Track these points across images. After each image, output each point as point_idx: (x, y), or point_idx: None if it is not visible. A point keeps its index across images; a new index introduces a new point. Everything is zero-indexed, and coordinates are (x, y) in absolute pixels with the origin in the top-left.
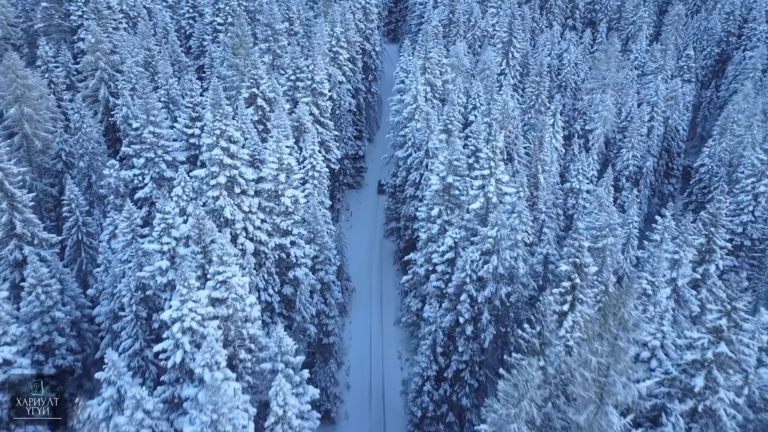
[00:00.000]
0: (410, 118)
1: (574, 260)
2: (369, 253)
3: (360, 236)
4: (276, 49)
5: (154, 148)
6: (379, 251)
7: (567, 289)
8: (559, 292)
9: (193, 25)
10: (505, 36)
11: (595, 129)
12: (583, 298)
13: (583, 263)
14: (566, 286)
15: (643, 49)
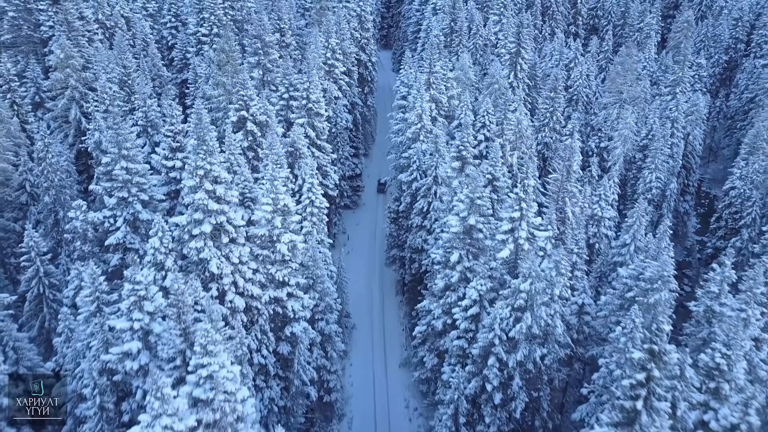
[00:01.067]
0: (415, 138)
1: (651, 347)
2: (368, 282)
3: (358, 262)
4: (266, 63)
5: (127, 186)
6: (380, 279)
7: (640, 381)
8: (629, 385)
9: (176, 36)
10: (513, 46)
11: (615, 148)
12: (662, 393)
13: (662, 350)
14: (640, 378)
15: (652, 58)
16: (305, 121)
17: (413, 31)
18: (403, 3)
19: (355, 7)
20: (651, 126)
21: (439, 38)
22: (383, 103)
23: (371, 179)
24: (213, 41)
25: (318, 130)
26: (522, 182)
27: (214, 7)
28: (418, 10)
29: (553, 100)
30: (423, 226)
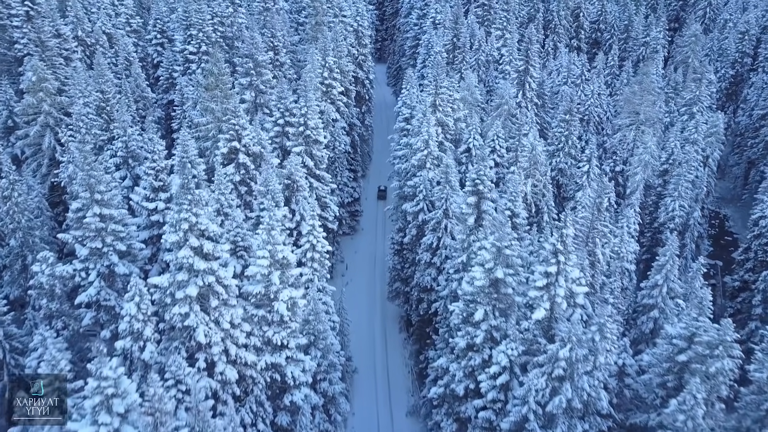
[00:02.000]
0: (421, 165)
1: None
2: (370, 317)
3: (358, 295)
4: (259, 84)
5: (101, 235)
6: (382, 314)
7: None
8: None
9: (162, 54)
10: (521, 64)
11: (635, 174)
12: None
13: None
14: None
15: (660, 74)
16: (303, 149)
17: (411, 46)
18: (398, 16)
19: (351, 22)
20: (672, 150)
21: (441, 55)
22: (378, 118)
23: (370, 202)
24: (201, 60)
25: (317, 158)
26: (560, 232)
27: (202, 24)
28: (416, 24)
29: (568, 123)
30: (432, 263)
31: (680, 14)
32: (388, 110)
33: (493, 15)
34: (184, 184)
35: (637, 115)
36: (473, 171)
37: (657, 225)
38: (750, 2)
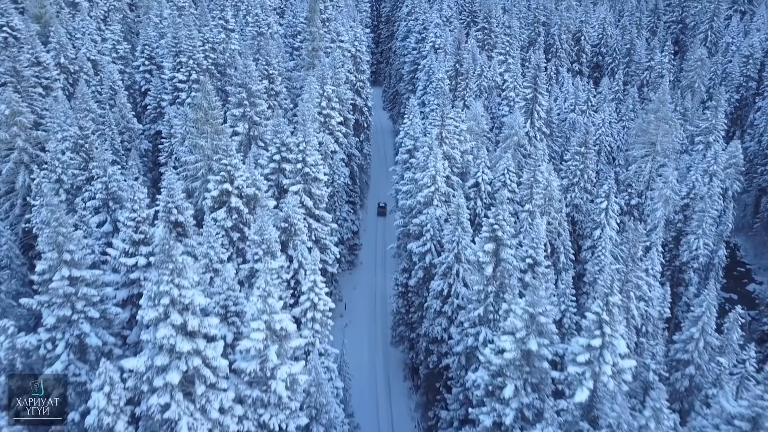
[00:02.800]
0: (428, 202)
1: None
2: (371, 363)
3: (359, 337)
4: (253, 115)
5: (70, 300)
6: (384, 360)
7: None
8: None
9: (150, 81)
10: (529, 92)
11: (655, 210)
12: None
13: None
14: None
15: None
16: (301, 187)
17: (409, 71)
18: (393, 39)
19: (349, 47)
20: (692, 183)
21: (443, 82)
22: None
23: (368, 233)
24: (191, 88)
25: (316, 197)
26: (605, 299)
27: (192, 50)
28: (415, 49)
29: (583, 156)
30: (443, 312)
31: (680, 37)
32: (385, 135)
33: (494, 39)
34: (165, 249)
35: (653, 145)
36: (491, 215)
37: (679, 264)
38: (752, 26)
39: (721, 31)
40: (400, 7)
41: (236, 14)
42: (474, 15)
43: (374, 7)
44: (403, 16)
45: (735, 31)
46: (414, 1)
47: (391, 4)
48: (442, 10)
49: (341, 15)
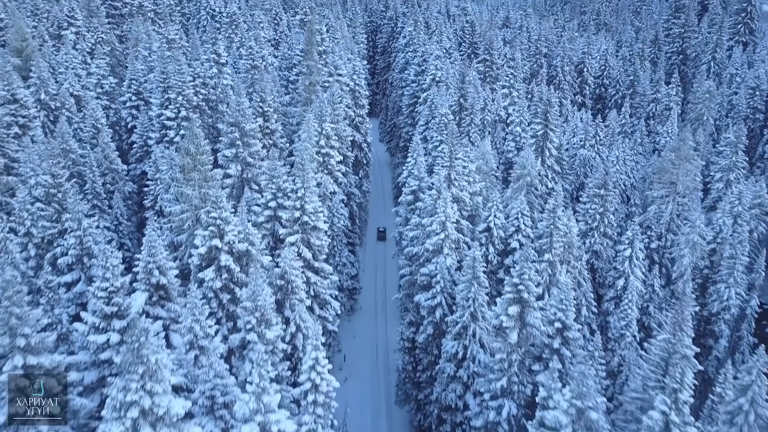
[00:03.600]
0: (437, 251)
1: None
2: (374, 423)
3: (360, 392)
4: (246, 156)
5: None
6: (388, 420)
7: None
8: None
9: (137, 117)
10: (539, 128)
11: (682, 257)
12: None
13: None
14: None
15: (674, 132)
16: (299, 237)
17: (409, 104)
18: (390, 70)
19: (348, 81)
20: (719, 227)
21: (447, 117)
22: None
23: (367, 274)
24: (180, 126)
25: (315, 248)
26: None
27: (182, 86)
28: (414, 81)
29: (603, 198)
30: (457, 377)
31: (681, 68)
32: (382, 167)
33: (495, 71)
34: (134, 348)
35: (673, 185)
36: (515, 273)
37: (707, 314)
38: (755, 57)
39: (724, 62)
40: (396, 38)
41: (229, 46)
42: (475, 47)
43: (370, 38)
44: (400, 47)
45: (738, 62)
46: (412, 33)
47: (387, 35)
48: (442, 42)
49: (338, 47)
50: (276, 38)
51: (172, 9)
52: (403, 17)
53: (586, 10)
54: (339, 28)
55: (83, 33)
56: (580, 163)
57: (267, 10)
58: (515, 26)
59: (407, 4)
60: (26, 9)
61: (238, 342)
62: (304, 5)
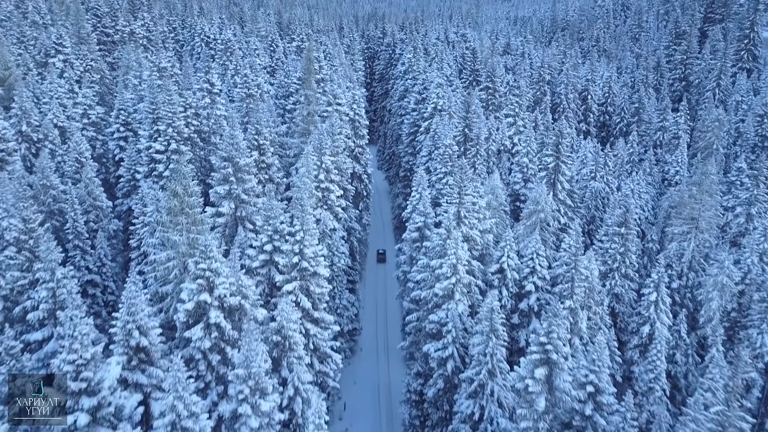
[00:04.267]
0: (448, 296)
1: None
2: None
3: None
4: (240, 193)
5: None
6: None
7: None
8: None
9: (125, 148)
10: (551, 160)
11: (710, 301)
12: None
13: None
14: None
15: (685, 162)
16: (297, 285)
17: (409, 133)
18: (388, 97)
19: (347, 111)
20: (747, 267)
21: (451, 148)
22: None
23: (368, 309)
24: (170, 159)
25: (315, 296)
26: None
27: (172, 117)
28: (414, 110)
29: (623, 237)
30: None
31: (683, 95)
32: (381, 196)
33: (498, 99)
34: None
35: (694, 220)
36: (542, 330)
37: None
38: (760, 84)
39: (729, 89)
40: (394, 65)
41: (224, 74)
42: (476, 74)
43: (367, 65)
44: (398, 75)
45: (744, 88)
46: (411, 60)
47: (385, 62)
48: (443, 69)
49: (337, 75)
50: (272, 65)
51: (165, 36)
52: (401, 44)
53: (584, 37)
54: (337, 55)
55: (71, 61)
56: (591, 195)
57: (263, 37)
58: (516, 53)
59: (405, 30)
60: (12, 36)
61: (229, 413)
62: (300, 32)
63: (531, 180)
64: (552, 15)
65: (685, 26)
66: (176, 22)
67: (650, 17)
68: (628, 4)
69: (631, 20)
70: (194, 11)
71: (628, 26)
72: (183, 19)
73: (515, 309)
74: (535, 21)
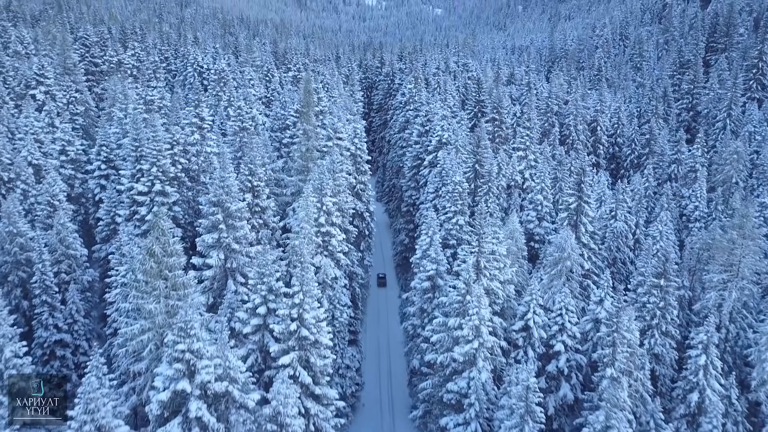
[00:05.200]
0: (469, 362)
1: None
2: None
3: None
4: (231, 242)
5: None
6: None
7: None
8: None
9: (106, 187)
10: (572, 200)
11: (763, 361)
12: None
13: None
14: None
15: (704, 197)
16: (295, 356)
17: (412, 166)
18: (386, 127)
19: (348, 145)
20: None
21: (461, 185)
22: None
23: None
24: (153, 202)
25: (317, 369)
26: None
27: (157, 155)
28: (417, 143)
29: (663, 290)
30: None
31: (691, 125)
32: (380, 228)
33: (505, 131)
34: None
35: (733, 266)
36: (598, 426)
37: None
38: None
39: (740, 119)
40: (393, 95)
41: (217, 104)
42: (481, 105)
43: (365, 95)
44: (398, 105)
45: (756, 119)
46: (412, 90)
47: (384, 92)
48: (446, 101)
49: (336, 107)
50: (268, 96)
51: (156, 65)
52: (400, 74)
53: (584, 66)
54: (335, 86)
55: (54, 92)
56: (612, 236)
57: (258, 67)
58: (521, 83)
59: (404, 60)
60: None
61: None
62: (297, 61)
63: (545, 218)
64: (550, 44)
65: (689, 55)
66: (169, 52)
67: (650, 46)
68: (626, 34)
69: (630, 49)
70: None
71: (627, 55)
72: (176, 49)
73: (542, 371)
74: (533, 50)
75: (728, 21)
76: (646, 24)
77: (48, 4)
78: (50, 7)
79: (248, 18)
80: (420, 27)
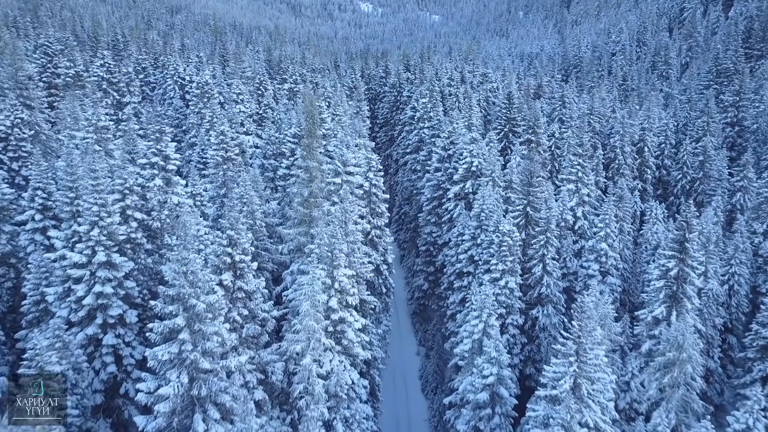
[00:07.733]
0: None
1: None
2: None
3: None
4: (199, 357)
5: None
6: None
7: None
8: None
9: (44, 244)
10: (673, 264)
11: None
12: None
13: None
14: None
15: None
16: None
17: (431, 198)
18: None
19: (361, 181)
20: None
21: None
22: None
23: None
24: (95, 277)
25: None
26: None
27: (100, 211)
28: (438, 169)
29: None
30: None
31: (737, 141)
32: None
33: (543, 155)
34: None
35: None
36: None
37: None
38: None
39: None
40: (402, 108)
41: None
42: (513, 123)
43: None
44: (407, 120)
45: None
46: (426, 106)
47: (390, 105)
48: (472, 119)
49: (341, 127)
50: (259, 113)
51: (131, 78)
52: (409, 85)
53: (603, 74)
54: (339, 101)
55: None
56: (708, 301)
57: (249, 79)
58: (553, 97)
59: (411, 70)
60: None
61: None
62: (293, 71)
63: (611, 273)
64: (563, 51)
65: (727, 63)
66: (147, 61)
67: (672, 53)
68: (644, 40)
69: (651, 56)
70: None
71: (648, 63)
72: (155, 58)
73: None
74: (545, 57)
75: (765, 26)
76: (663, 29)
77: (25, 10)
78: (27, 11)
79: (241, 25)
80: (418, 33)
